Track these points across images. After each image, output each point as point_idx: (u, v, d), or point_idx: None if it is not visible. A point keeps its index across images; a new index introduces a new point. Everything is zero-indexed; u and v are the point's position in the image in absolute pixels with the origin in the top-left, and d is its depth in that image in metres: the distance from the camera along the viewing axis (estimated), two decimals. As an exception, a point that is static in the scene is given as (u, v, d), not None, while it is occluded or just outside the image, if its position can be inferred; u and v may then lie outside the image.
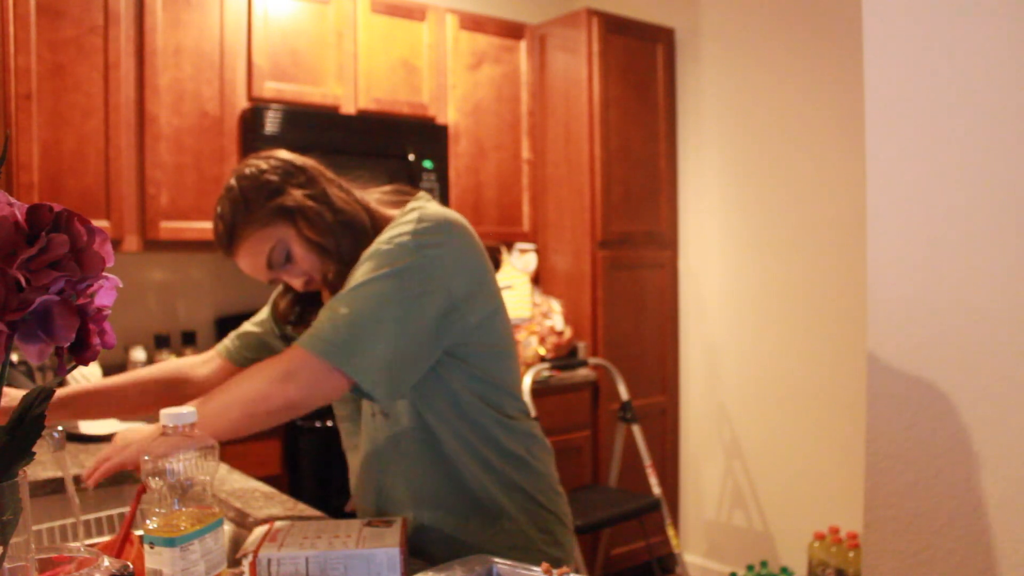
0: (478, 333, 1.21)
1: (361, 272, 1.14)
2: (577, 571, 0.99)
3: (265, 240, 1.22)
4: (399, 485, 1.26)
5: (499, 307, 1.25)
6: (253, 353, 1.43)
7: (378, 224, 1.26)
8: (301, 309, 1.40)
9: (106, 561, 0.74)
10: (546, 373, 3.12)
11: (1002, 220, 1.39)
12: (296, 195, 1.23)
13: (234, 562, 1.10)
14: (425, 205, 1.23)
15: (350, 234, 1.23)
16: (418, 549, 1.24)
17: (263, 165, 1.25)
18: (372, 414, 1.26)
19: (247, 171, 1.25)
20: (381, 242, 1.16)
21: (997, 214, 1.40)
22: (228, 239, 1.24)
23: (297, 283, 1.27)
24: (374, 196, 1.33)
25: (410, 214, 1.20)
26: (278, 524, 1.12)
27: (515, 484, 1.26)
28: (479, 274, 1.21)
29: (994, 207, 1.40)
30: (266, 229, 1.22)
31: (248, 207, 1.22)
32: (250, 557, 1.00)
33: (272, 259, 1.23)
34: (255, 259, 1.24)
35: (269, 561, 1.00)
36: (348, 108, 2.97)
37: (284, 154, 1.29)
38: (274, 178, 1.24)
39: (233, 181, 1.25)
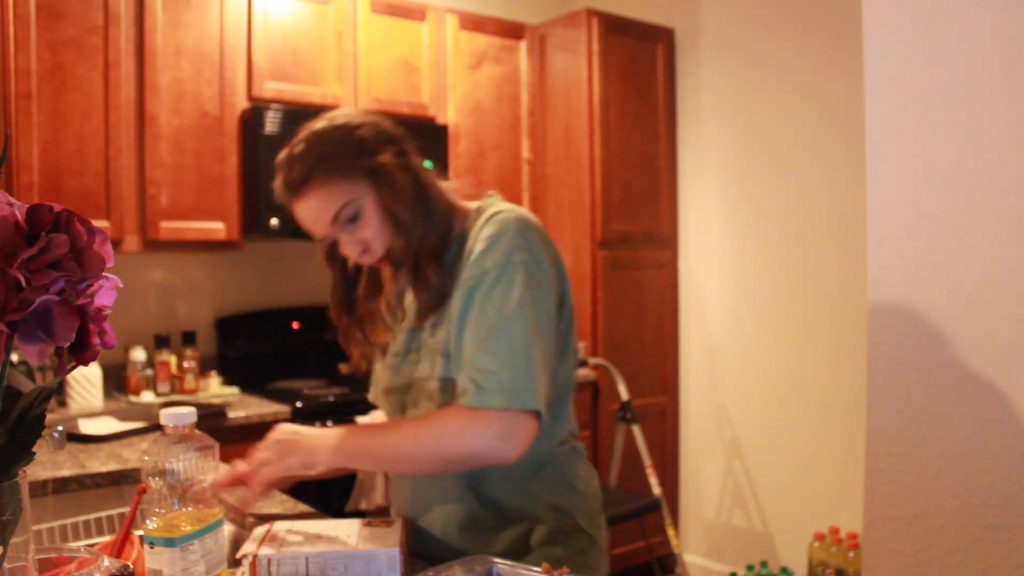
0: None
1: (495, 298, 1.10)
2: None
3: (341, 194, 1.16)
4: (432, 489, 1.24)
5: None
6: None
7: (453, 211, 1.23)
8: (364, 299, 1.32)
9: (106, 561, 0.74)
10: (546, 373, 3.12)
11: (1002, 220, 1.39)
12: (387, 159, 1.18)
13: (234, 562, 1.10)
14: (511, 208, 1.19)
15: (426, 213, 1.19)
16: (441, 555, 1.22)
17: (356, 121, 1.21)
18: None
19: (339, 122, 1.20)
20: (496, 259, 1.12)
21: (997, 214, 1.40)
22: (300, 182, 1.17)
23: (352, 248, 1.20)
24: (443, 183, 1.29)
25: (508, 223, 1.15)
26: (278, 524, 1.12)
27: (554, 503, 1.23)
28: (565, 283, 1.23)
29: (994, 207, 1.40)
30: (346, 183, 1.16)
31: (336, 156, 1.16)
32: (250, 557, 1.00)
33: (340, 215, 1.17)
34: (322, 210, 1.17)
35: (269, 561, 1.00)
36: (348, 108, 2.97)
37: (378, 118, 1.24)
38: (367, 136, 1.19)
39: (320, 126, 1.20)
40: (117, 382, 2.75)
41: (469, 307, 1.12)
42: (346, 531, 1.10)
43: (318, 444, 1.14)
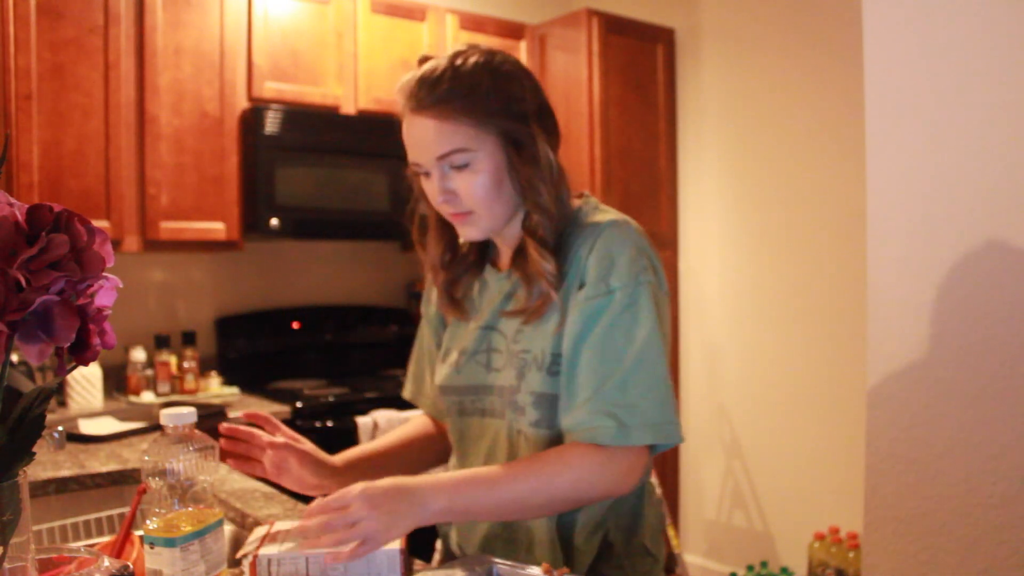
0: None
1: (623, 325, 1.01)
2: None
3: (464, 138, 1.05)
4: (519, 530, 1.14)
5: None
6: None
7: (567, 206, 1.12)
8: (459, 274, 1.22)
9: (106, 561, 0.74)
10: (546, 373, 3.12)
11: (1002, 220, 1.39)
12: (537, 133, 1.08)
13: (234, 562, 1.10)
14: (623, 217, 1.11)
15: (559, 197, 1.10)
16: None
17: (525, 81, 1.10)
18: (518, 431, 1.11)
19: (507, 69, 1.09)
20: (623, 279, 1.03)
21: (997, 214, 1.40)
22: (433, 100, 1.05)
23: (435, 192, 1.08)
24: None
25: (629, 235, 1.07)
26: (278, 524, 1.12)
27: (623, 525, 1.16)
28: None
29: (994, 207, 1.40)
30: (477, 131, 1.05)
31: (484, 98, 1.05)
32: (250, 557, 1.00)
33: (451, 157, 1.05)
34: (436, 141, 1.05)
35: (269, 561, 1.00)
36: (348, 108, 2.97)
37: (540, 85, 1.14)
38: (528, 98, 1.09)
39: (482, 59, 1.08)
40: (117, 382, 2.76)
41: (590, 330, 1.02)
42: None
43: (419, 508, 0.96)
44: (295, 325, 3.13)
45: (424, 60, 1.12)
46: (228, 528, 1.41)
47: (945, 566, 1.46)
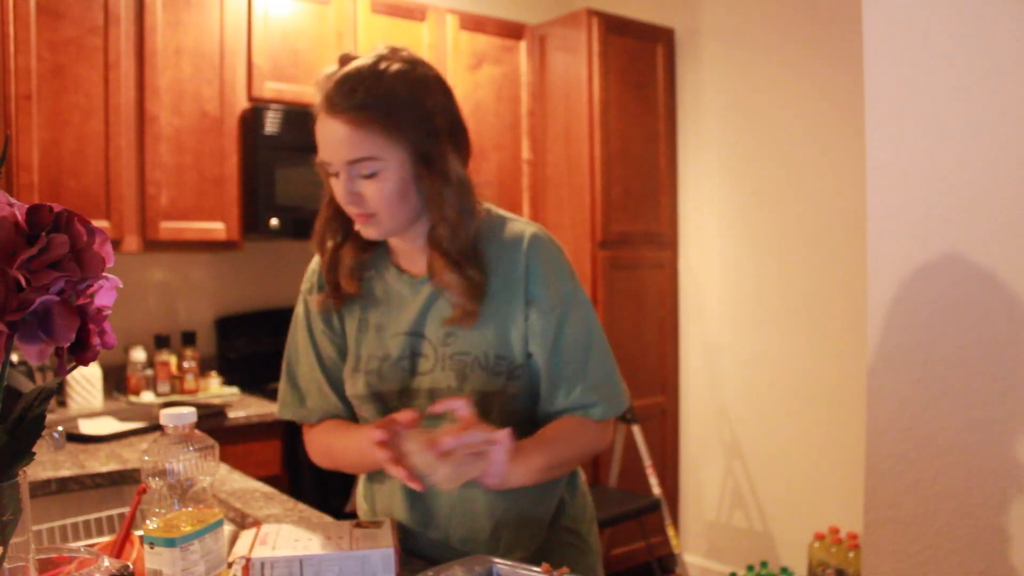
0: None
1: (578, 321, 1.18)
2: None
3: (375, 147, 1.08)
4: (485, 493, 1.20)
5: None
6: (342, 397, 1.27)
7: (473, 218, 1.16)
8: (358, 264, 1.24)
9: (106, 561, 0.74)
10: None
11: (1002, 219, 1.39)
12: (445, 147, 1.11)
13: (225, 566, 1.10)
14: (533, 224, 1.23)
15: (471, 211, 1.14)
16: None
17: (440, 96, 1.12)
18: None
19: (423, 76, 1.11)
20: (567, 284, 1.18)
21: (997, 213, 1.40)
22: (349, 104, 1.07)
23: (345, 194, 1.11)
24: None
25: (543, 237, 1.19)
26: (266, 527, 1.12)
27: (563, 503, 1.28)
28: None
29: (994, 206, 1.40)
30: (387, 142, 1.08)
31: (398, 110, 1.08)
32: (242, 561, 1.00)
33: (359, 165, 1.08)
34: (346, 146, 1.08)
35: (263, 564, 1.00)
36: (348, 108, 2.97)
37: (454, 98, 1.15)
38: (439, 111, 1.12)
39: (402, 68, 1.09)
40: (117, 382, 2.76)
41: (561, 332, 1.17)
42: (337, 533, 1.10)
43: (528, 466, 1.09)
44: (295, 325, 3.13)
45: (346, 59, 1.14)
46: (228, 528, 1.41)
47: (945, 566, 1.46)
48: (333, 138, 1.10)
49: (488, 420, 1.10)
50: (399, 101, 1.08)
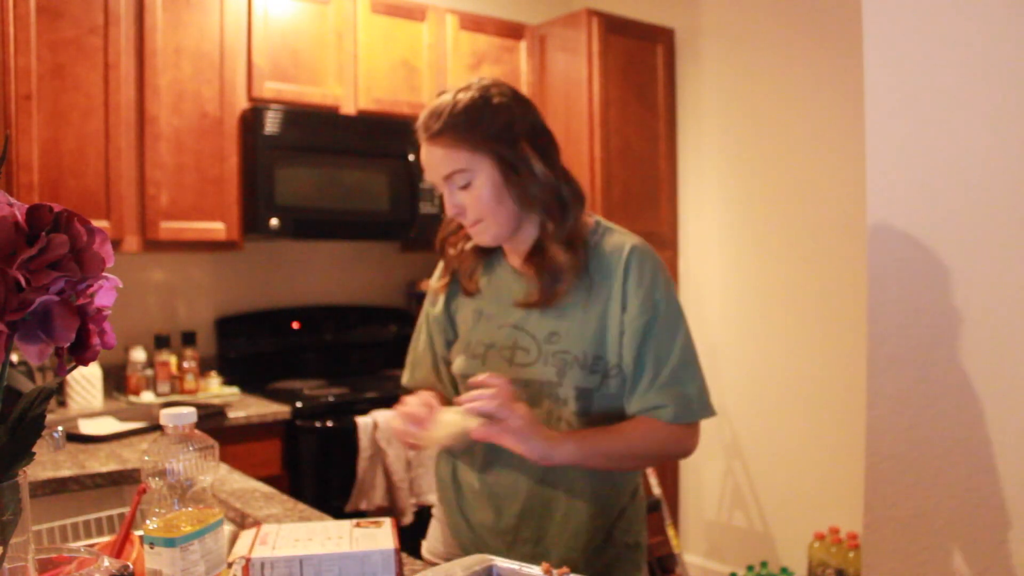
0: None
1: (670, 329, 1.27)
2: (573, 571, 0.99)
3: (461, 160, 1.25)
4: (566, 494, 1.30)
5: None
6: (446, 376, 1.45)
7: (573, 209, 1.30)
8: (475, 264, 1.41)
9: (106, 561, 0.74)
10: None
11: (1002, 220, 1.39)
12: (524, 152, 1.26)
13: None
14: (625, 231, 1.35)
15: (562, 204, 1.28)
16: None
17: (515, 109, 1.28)
18: (558, 419, 1.29)
19: (498, 100, 1.27)
20: (663, 292, 1.27)
21: (997, 214, 1.40)
22: (436, 131, 1.26)
23: (450, 206, 1.29)
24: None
25: (643, 248, 1.30)
26: (266, 527, 1.12)
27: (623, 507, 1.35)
28: None
29: (994, 207, 1.40)
30: (471, 154, 1.25)
31: (475, 128, 1.24)
32: (242, 561, 1.00)
33: (453, 177, 1.26)
34: (440, 164, 1.26)
35: (263, 564, 1.00)
36: (348, 108, 2.97)
37: (533, 109, 1.31)
38: (517, 124, 1.27)
39: (477, 95, 1.26)
40: (117, 382, 2.76)
41: (648, 337, 1.26)
42: (337, 532, 1.10)
43: (560, 442, 1.19)
44: (295, 325, 3.13)
45: (440, 94, 1.31)
46: (228, 528, 1.41)
47: (945, 566, 1.46)
48: (429, 160, 1.28)
49: (587, 416, 1.27)
50: (475, 119, 1.25)
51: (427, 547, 1.48)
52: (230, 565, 1.01)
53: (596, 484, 1.29)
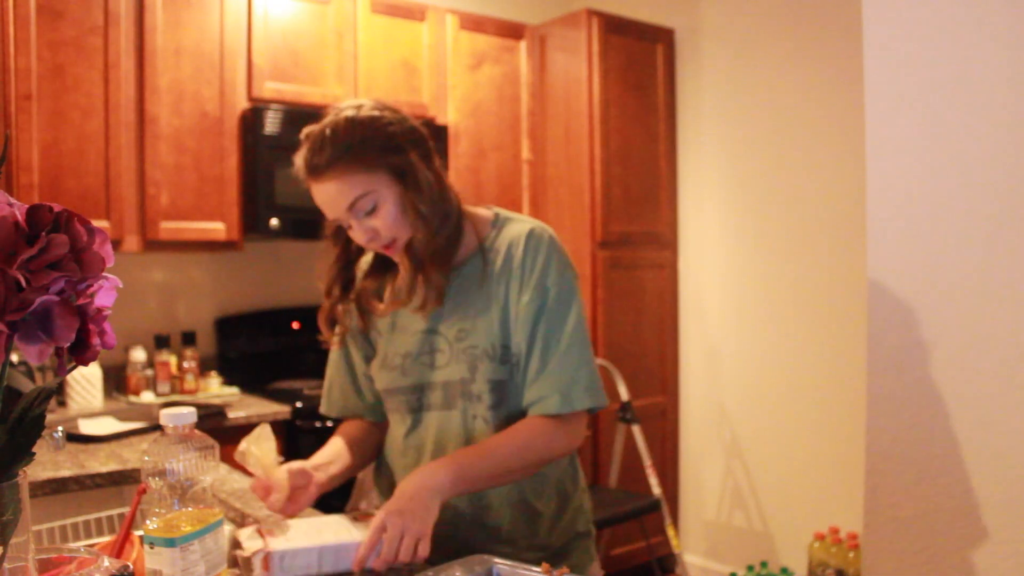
0: None
1: (559, 315, 1.23)
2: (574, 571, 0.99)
3: (361, 184, 1.20)
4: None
5: None
6: (372, 398, 1.43)
7: (463, 216, 1.29)
8: (379, 281, 1.39)
9: (106, 561, 0.74)
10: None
11: (1002, 219, 1.39)
12: (414, 159, 1.23)
13: (231, 561, 1.10)
14: (536, 223, 1.30)
15: (445, 214, 1.25)
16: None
17: (387, 116, 1.24)
18: (474, 416, 1.27)
19: (371, 114, 1.23)
20: (554, 279, 1.24)
21: (997, 214, 1.40)
22: (324, 166, 1.20)
23: (361, 235, 1.24)
24: None
25: (550, 241, 1.27)
26: (267, 523, 1.12)
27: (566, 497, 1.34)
28: None
29: (994, 207, 1.40)
30: (368, 175, 1.20)
31: (362, 147, 1.20)
32: (261, 555, 1.00)
33: (358, 204, 1.21)
34: (340, 196, 1.21)
35: (283, 556, 1.00)
36: (348, 108, 2.97)
37: (405, 115, 1.28)
38: (397, 132, 1.24)
39: (351, 113, 1.23)
40: (117, 382, 2.75)
41: (536, 324, 1.23)
42: (337, 526, 1.10)
43: (434, 492, 1.14)
44: (295, 325, 3.13)
45: (307, 136, 1.26)
46: (228, 528, 1.41)
47: (945, 566, 1.46)
48: (328, 196, 1.23)
49: (501, 411, 1.25)
50: (358, 139, 1.21)
51: None
52: (248, 560, 1.01)
53: (520, 485, 1.27)
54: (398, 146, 1.23)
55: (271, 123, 2.73)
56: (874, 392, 1.56)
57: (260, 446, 1.19)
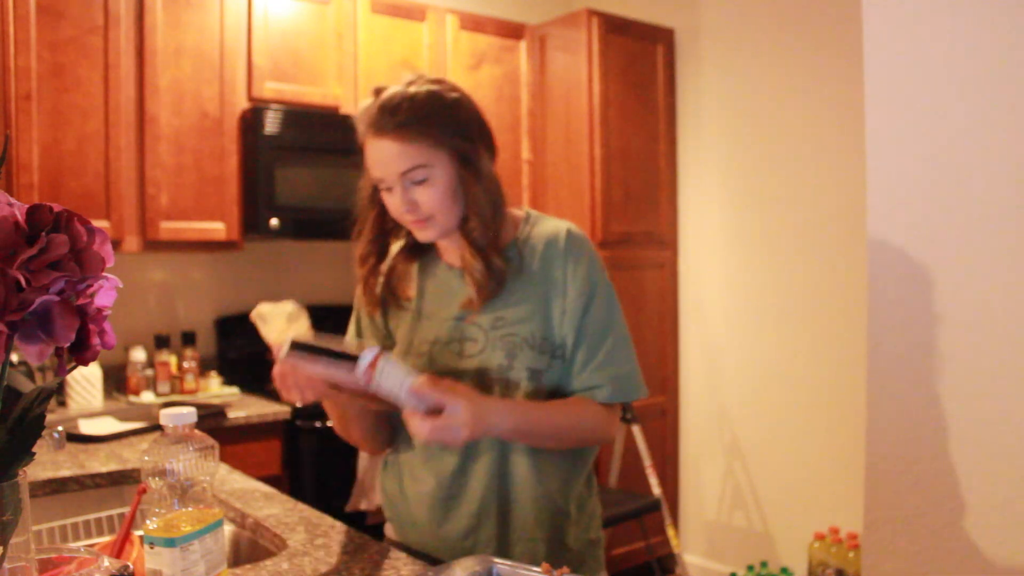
0: None
1: (604, 309, 1.28)
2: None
3: (422, 155, 1.21)
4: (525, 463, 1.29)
5: None
6: None
7: (503, 211, 1.32)
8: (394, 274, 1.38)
9: (106, 561, 0.74)
10: (546, 373, 3.12)
11: (1002, 220, 1.39)
12: (481, 150, 1.26)
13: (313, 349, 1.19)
14: (569, 224, 1.36)
15: (496, 204, 1.28)
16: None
17: (465, 103, 1.27)
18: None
19: (453, 96, 1.26)
20: (597, 275, 1.30)
21: (997, 214, 1.40)
22: (393, 125, 1.21)
23: (401, 204, 1.24)
24: None
25: (577, 231, 1.34)
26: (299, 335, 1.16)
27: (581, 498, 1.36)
28: None
29: (994, 207, 1.40)
30: (432, 150, 1.21)
31: (437, 121, 1.22)
32: (369, 355, 1.07)
33: (411, 173, 1.22)
34: (399, 159, 1.21)
35: (388, 363, 1.08)
36: (348, 108, 2.97)
37: (479, 108, 1.30)
38: (472, 120, 1.27)
39: (435, 88, 1.25)
40: (117, 382, 2.75)
41: (586, 315, 1.27)
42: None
43: (489, 429, 1.16)
44: (295, 325, 3.13)
45: (379, 90, 1.27)
46: (228, 528, 1.41)
47: (945, 566, 1.46)
48: (385, 155, 1.22)
49: (537, 397, 1.27)
50: (436, 113, 1.23)
51: None
52: (363, 356, 1.07)
53: (549, 474, 1.28)
54: (469, 134, 1.25)
55: (271, 123, 2.73)
56: (874, 392, 1.56)
57: (281, 322, 1.20)
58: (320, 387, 1.23)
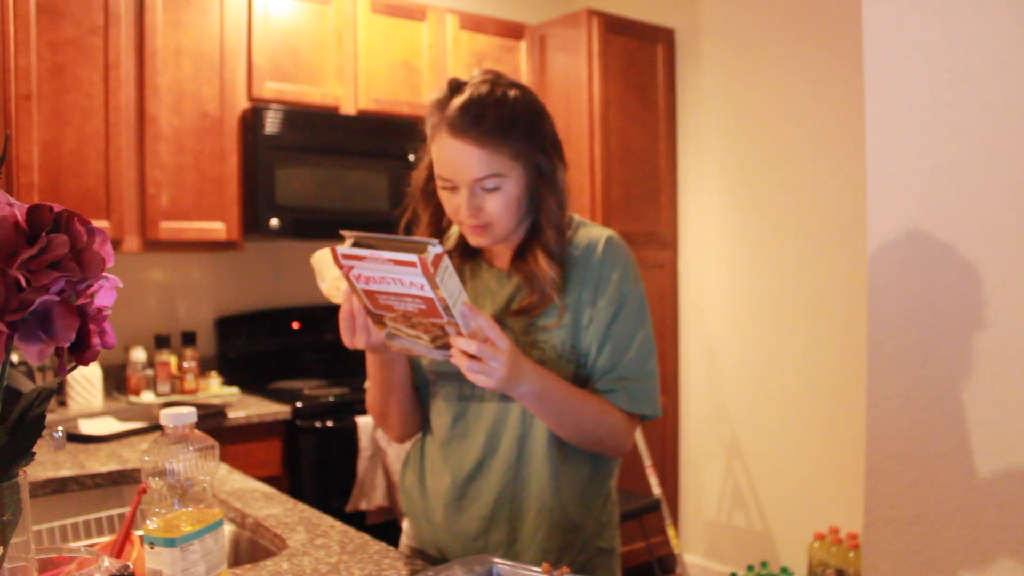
0: None
1: (632, 319, 1.27)
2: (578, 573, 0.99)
3: (501, 165, 1.19)
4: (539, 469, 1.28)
5: None
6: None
7: (567, 221, 1.31)
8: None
9: (106, 561, 0.74)
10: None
11: (1002, 219, 1.39)
12: (557, 163, 1.25)
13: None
14: (608, 230, 1.33)
15: (554, 217, 1.26)
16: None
17: (547, 116, 1.27)
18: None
19: (538, 107, 1.25)
20: (630, 285, 1.28)
21: (997, 213, 1.40)
22: (477, 131, 1.17)
23: (460, 207, 1.21)
24: None
25: (625, 249, 1.30)
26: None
27: (596, 512, 1.34)
28: None
29: (994, 206, 1.40)
30: (511, 161, 1.19)
31: (521, 133, 1.20)
32: (435, 251, 0.99)
33: (486, 180, 1.19)
34: (476, 165, 1.18)
35: (448, 266, 1.01)
36: (348, 108, 2.97)
37: (552, 120, 1.29)
38: (551, 135, 1.26)
39: (520, 95, 1.23)
40: (117, 382, 2.76)
41: (612, 324, 1.26)
42: None
43: (531, 378, 1.14)
44: (295, 325, 3.13)
45: (456, 83, 1.23)
46: (228, 528, 1.41)
47: (945, 566, 1.46)
48: (461, 159, 1.18)
49: None
50: (520, 124, 1.20)
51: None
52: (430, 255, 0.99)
53: (565, 485, 1.27)
54: (548, 146, 1.24)
55: (271, 123, 2.73)
56: (874, 392, 1.56)
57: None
58: (376, 337, 1.20)
